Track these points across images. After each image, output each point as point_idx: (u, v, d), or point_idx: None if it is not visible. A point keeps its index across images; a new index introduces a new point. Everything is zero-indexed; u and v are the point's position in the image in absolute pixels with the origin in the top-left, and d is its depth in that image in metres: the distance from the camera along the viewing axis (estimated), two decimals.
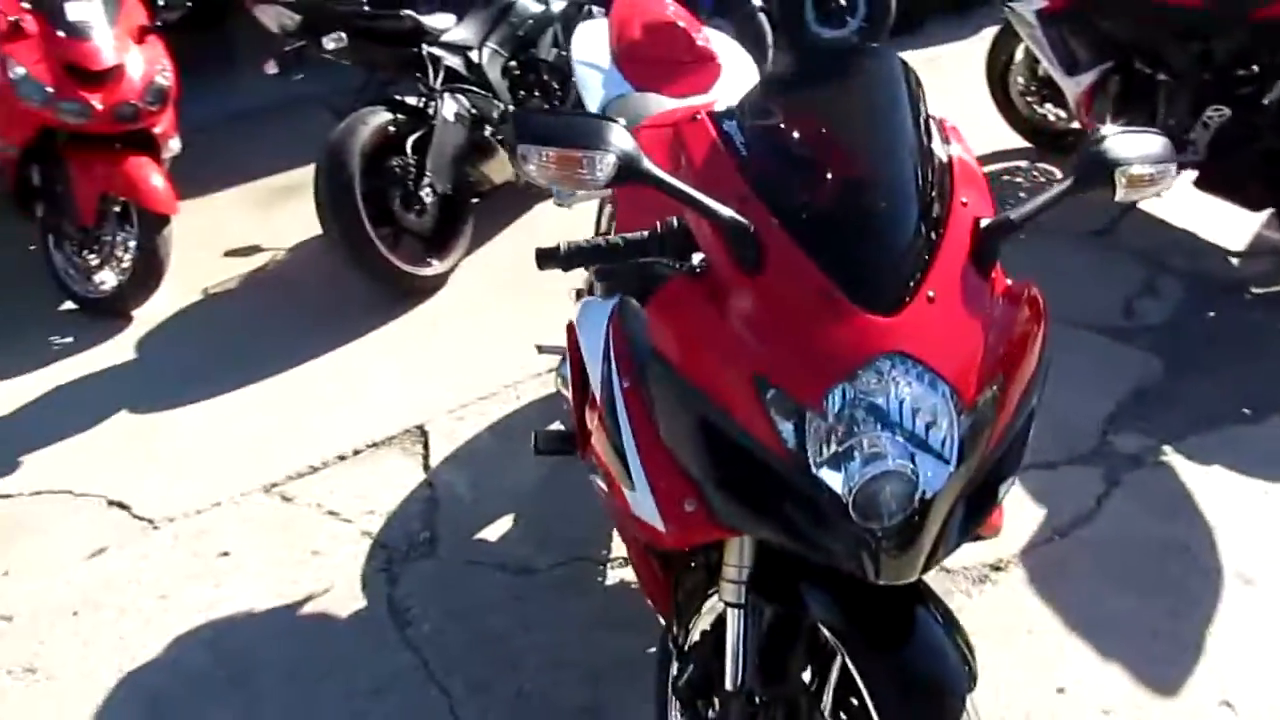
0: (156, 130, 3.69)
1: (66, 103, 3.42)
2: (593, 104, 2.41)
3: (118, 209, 3.66)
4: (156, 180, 3.59)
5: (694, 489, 1.30)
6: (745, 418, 1.21)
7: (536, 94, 4.24)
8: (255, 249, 4.18)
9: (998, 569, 2.28)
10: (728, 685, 1.42)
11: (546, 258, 1.42)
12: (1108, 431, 2.66)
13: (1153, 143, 1.35)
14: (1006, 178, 4.22)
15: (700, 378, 1.25)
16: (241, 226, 4.31)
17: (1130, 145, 1.33)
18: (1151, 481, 2.48)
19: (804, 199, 1.29)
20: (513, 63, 4.11)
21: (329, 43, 3.37)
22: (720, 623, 1.46)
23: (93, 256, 3.70)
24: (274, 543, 2.54)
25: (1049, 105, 4.17)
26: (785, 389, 1.19)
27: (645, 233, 1.41)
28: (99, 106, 3.45)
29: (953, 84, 4.65)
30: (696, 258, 1.37)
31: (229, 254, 4.14)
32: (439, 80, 3.71)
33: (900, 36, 6.10)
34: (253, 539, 2.56)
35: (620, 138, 1.23)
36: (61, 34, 3.46)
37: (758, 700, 1.45)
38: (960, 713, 1.28)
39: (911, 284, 1.23)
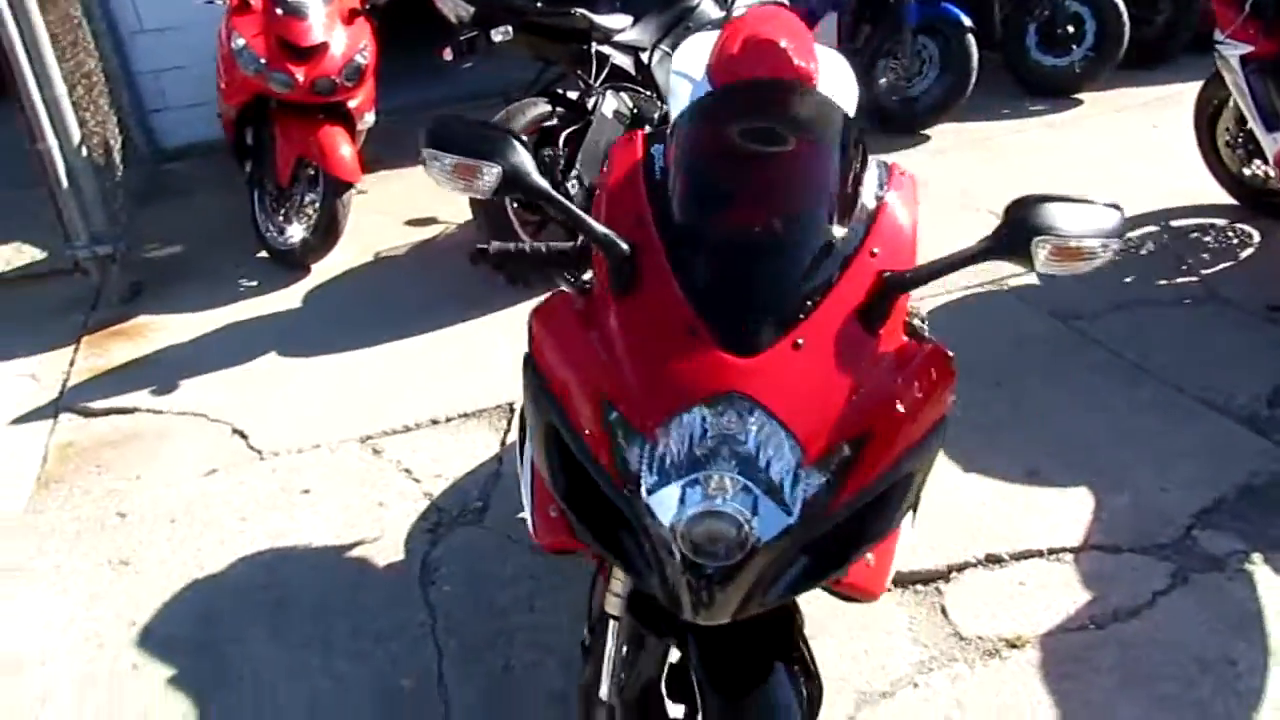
0: (352, 104, 4.09)
1: (275, 73, 3.87)
2: (676, 114, 2.47)
3: (310, 172, 4.09)
4: (345, 150, 3.97)
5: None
6: (590, 437, 1.25)
7: None
8: (432, 220, 4.53)
9: (1014, 646, 2.14)
10: (600, 693, 1.47)
11: (478, 256, 1.51)
12: (1195, 525, 2.41)
13: (1094, 214, 1.26)
14: (1195, 235, 3.85)
15: (559, 391, 1.30)
16: (426, 199, 4.66)
17: (1061, 214, 1.24)
18: (1224, 590, 2.23)
19: (697, 229, 1.31)
20: None
21: (496, 35, 3.59)
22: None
23: (285, 212, 4.16)
24: (350, 489, 2.80)
25: (1256, 161, 3.76)
26: (625, 415, 1.22)
27: (571, 244, 1.47)
28: (301, 79, 3.87)
29: (1179, 126, 4.28)
30: (588, 274, 1.42)
31: (408, 223, 4.52)
32: (601, 77, 3.86)
33: (1139, 69, 5.67)
34: (334, 482, 2.83)
35: (514, 152, 1.31)
36: (280, 11, 3.91)
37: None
38: None
39: (781, 329, 1.23)
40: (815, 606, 1.56)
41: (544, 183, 1.32)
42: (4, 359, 3.58)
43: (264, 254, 4.24)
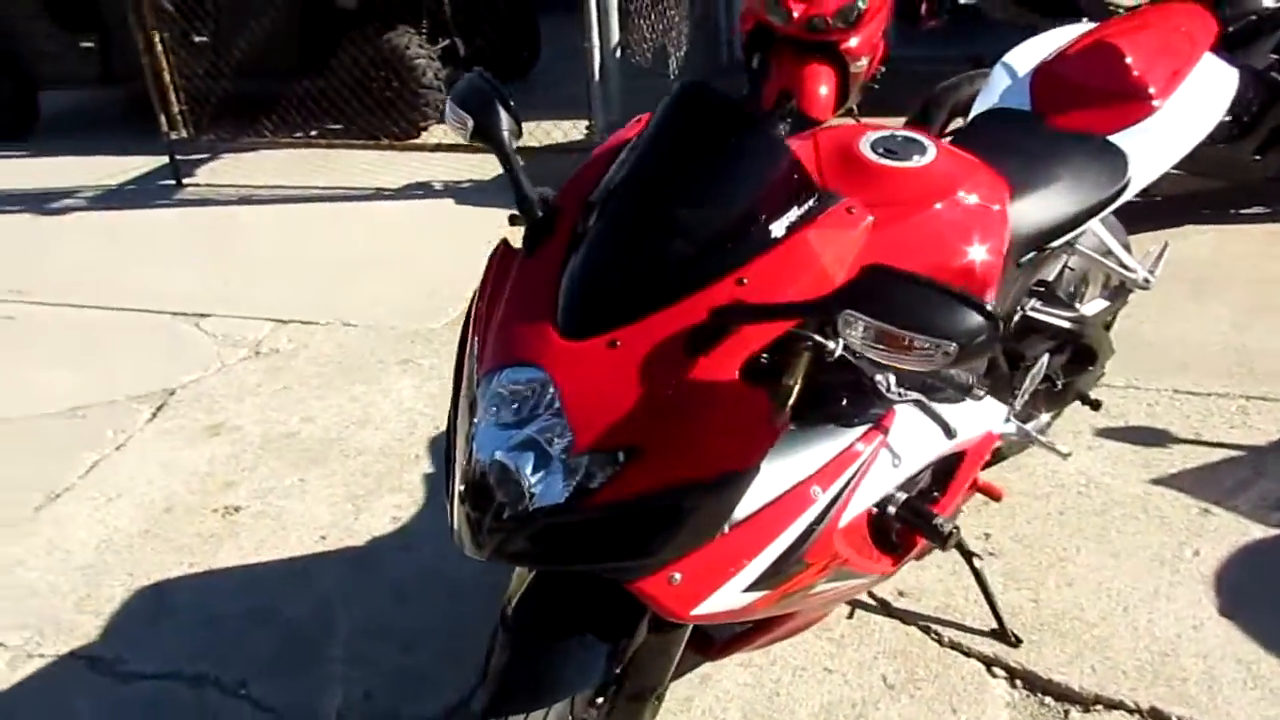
0: (845, 46, 4.17)
1: (775, 6, 4.10)
2: (980, 105, 2.23)
3: (791, 104, 4.29)
4: (823, 89, 4.11)
5: None
6: (465, 375, 1.39)
7: None
8: None
9: None
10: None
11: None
12: None
13: (946, 308, 1.03)
14: None
15: (474, 330, 1.43)
16: None
17: (903, 294, 1.05)
18: None
19: (602, 214, 1.33)
20: None
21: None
22: None
23: None
24: None
25: None
26: (478, 360, 1.34)
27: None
28: (796, 15, 4.05)
29: None
30: None
31: None
32: None
33: None
34: None
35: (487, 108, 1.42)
36: None
37: None
38: None
39: (605, 326, 1.24)
40: None
41: (505, 141, 1.42)
42: None
43: None
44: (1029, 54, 2.25)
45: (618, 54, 4.47)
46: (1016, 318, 2.02)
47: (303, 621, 2.26)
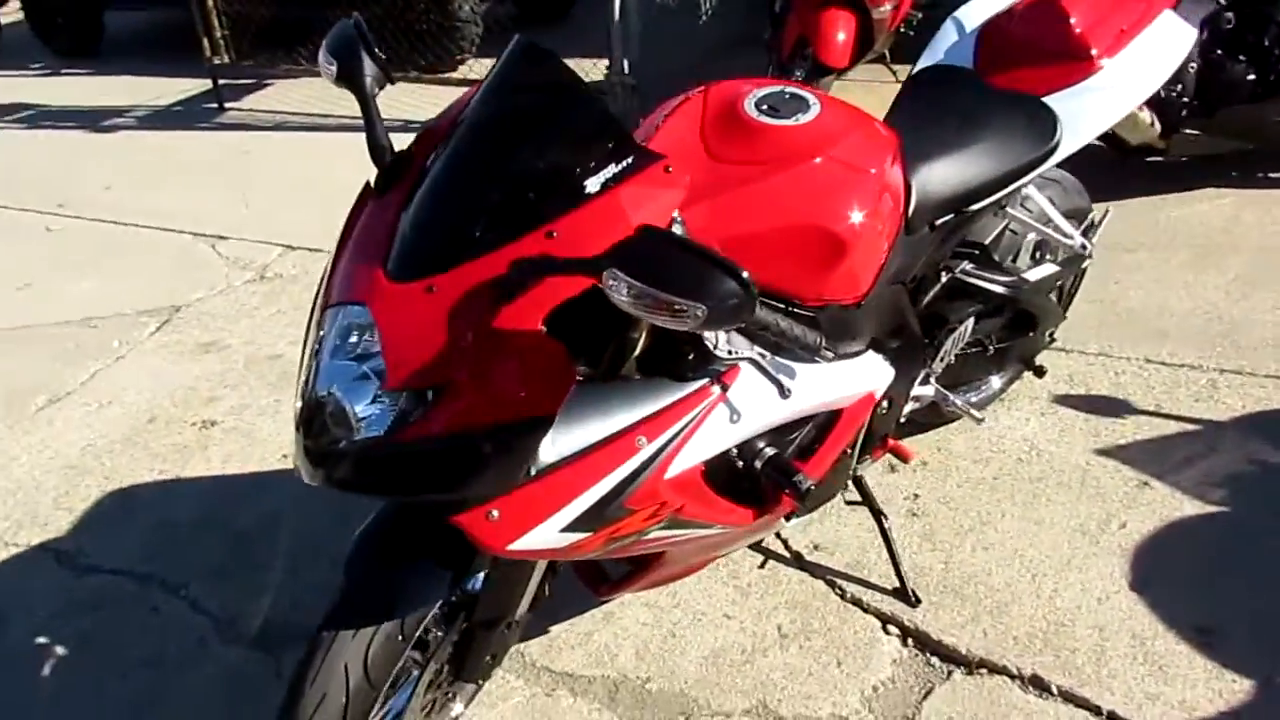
0: None
1: None
2: (925, 60, 2.19)
3: (808, 51, 4.20)
4: (839, 35, 4.01)
5: None
6: (312, 310, 1.45)
7: None
8: None
9: None
10: None
11: None
12: None
13: (706, 274, 1.07)
14: None
15: (328, 266, 1.48)
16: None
17: (664, 259, 1.09)
18: None
19: (439, 164, 1.37)
20: None
21: None
22: None
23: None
24: None
25: None
26: (323, 296, 1.40)
27: None
28: None
29: None
30: None
31: None
32: None
33: None
34: None
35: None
36: None
37: None
38: None
39: (424, 271, 1.28)
40: None
41: (367, 86, 1.44)
42: None
43: None
44: (979, 10, 2.19)
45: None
46: (944, 279, 2.01)
47: (250, 533, 2.40)
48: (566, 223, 1.25)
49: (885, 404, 1.91)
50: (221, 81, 5.59)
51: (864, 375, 1.70)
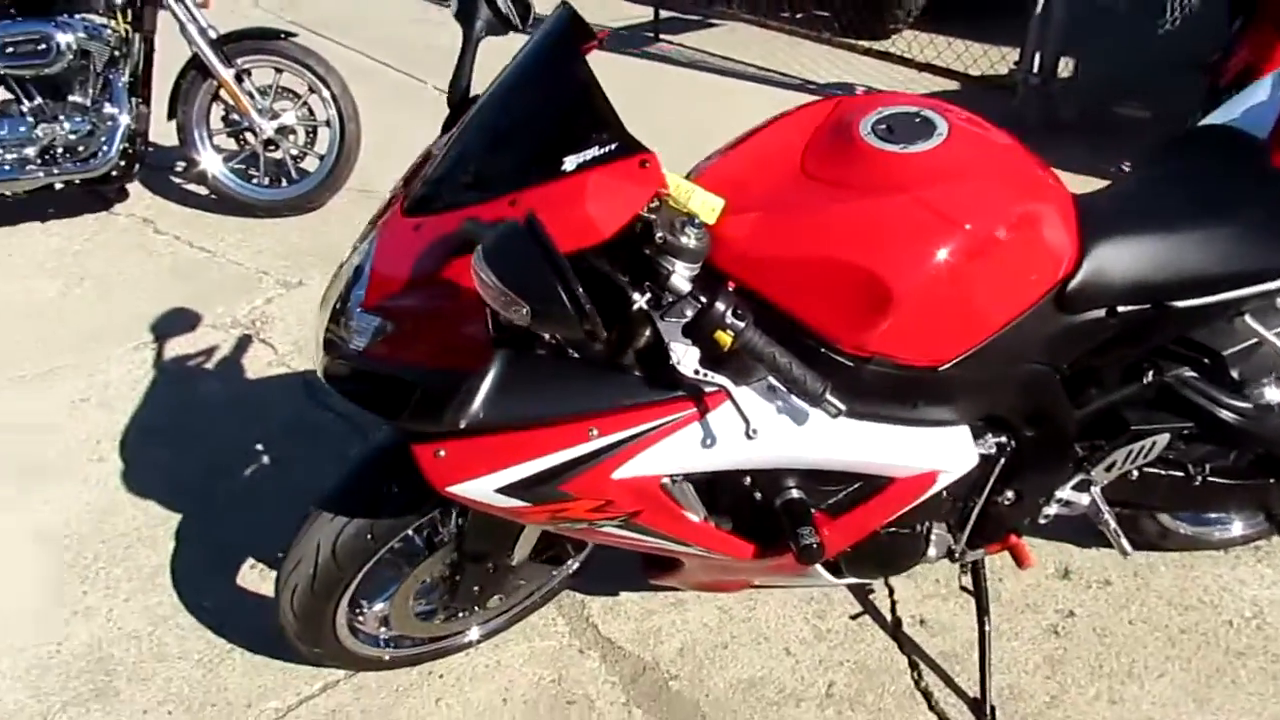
0: None
1: None
2: (1218, 115, 1.79)
3: None
4: None
5: None
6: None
7: None
8: None
9: None
10: None
11: None
12: None
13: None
14: None
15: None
16: None
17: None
18: None
19: (473, 115, 1.44)
20: None
21: None
22: None
23: None
24: None
25: None
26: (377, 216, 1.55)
27: None
28: None
29: None
30: None
31: None
32: None
33: None
34: None
35: None
36: None
37: None
38: None
39: (420, 212, 1.38)
40: None
41: (475, 29, 1.55)
42: None
43: None
44: None
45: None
46: (1148, 379, 1.68)
47: None
48: (531, 195, 1.26)
49: (1011, 496, 1.68)
50: (664, 15, 5.92)
51: (929, 450, 1.49)
